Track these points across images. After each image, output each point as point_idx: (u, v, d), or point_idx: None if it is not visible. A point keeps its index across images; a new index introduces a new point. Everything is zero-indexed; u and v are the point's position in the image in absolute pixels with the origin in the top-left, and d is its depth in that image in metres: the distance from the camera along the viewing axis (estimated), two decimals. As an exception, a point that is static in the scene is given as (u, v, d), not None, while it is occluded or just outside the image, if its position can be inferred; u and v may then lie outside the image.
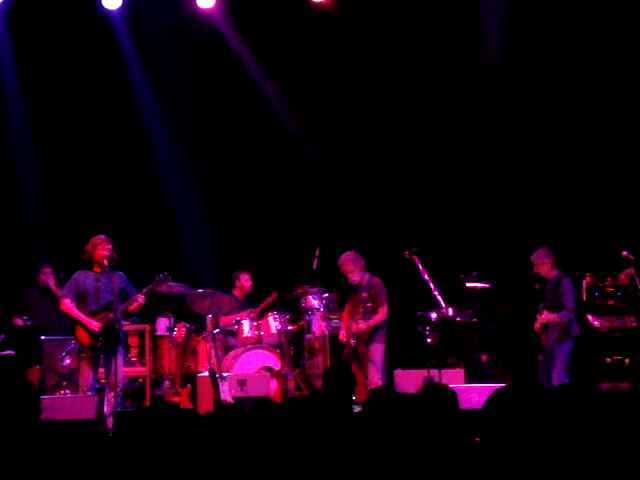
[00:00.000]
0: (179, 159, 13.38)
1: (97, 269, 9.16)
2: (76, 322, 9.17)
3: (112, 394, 8.90)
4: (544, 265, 9.72)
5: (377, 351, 9.67)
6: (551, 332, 9.56)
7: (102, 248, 9.10)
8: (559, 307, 9.51)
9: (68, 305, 9.16)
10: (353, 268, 9.72)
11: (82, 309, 9.12)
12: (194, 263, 12.73)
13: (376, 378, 9.51)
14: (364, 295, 9.69)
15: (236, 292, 11.52)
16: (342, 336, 9.86)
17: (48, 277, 11.31)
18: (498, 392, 3.39)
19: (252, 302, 11.61)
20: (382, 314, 9.67)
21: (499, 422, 3.22)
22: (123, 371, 9.35)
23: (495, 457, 3.15)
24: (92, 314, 9.07)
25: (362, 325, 9.59)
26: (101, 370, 9.21)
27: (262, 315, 11.11)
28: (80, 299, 9.16)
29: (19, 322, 11.32)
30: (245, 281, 11.59)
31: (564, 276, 9.68)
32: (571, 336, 9.53)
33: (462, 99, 12.62)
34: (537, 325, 9.70)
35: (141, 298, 9.18)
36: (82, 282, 9.15)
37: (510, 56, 12.46)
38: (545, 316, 9.56)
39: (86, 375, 9.06)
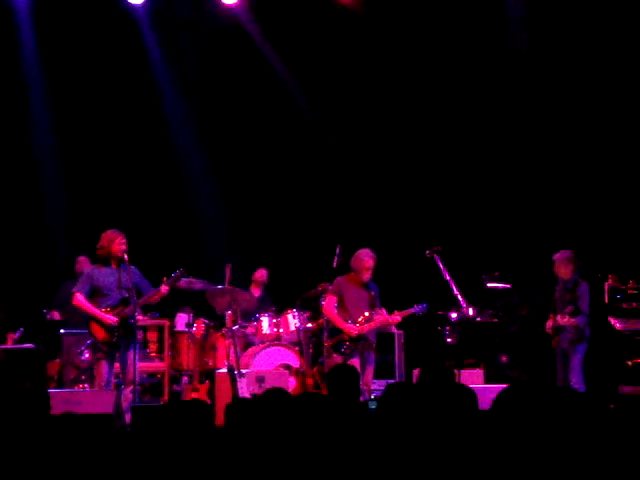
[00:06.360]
0: (199, 154, 13.41)
1: (113, 264, 9.08)
2: (90, 317, 9.04)
3: (129, 389, 8.86)
4: (566, 268, 9.72)
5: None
6: (565, 334, 9.58)
7: (119, 243, 9.00)
8: (575, 310, 9.54)
9: (81, 300, 9.00)
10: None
11: (97, 304, 9.01)
12: (213, 260, 12.72)
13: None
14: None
15: (253, 289, 11.63)
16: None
17: (83, 266, 11.41)
18: (503, 392, 3.36)
19: (270, 298, 11.66)
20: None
21: (504, 422, 3.19)
22: (138, 366, 9.28)
23: (503, 456, 3.12)
24: (108, 309, 9.03)
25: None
26: (117, 365, 9.17)
27: None
28: (95, 294, 9.05)
29: (56, 316, 11.42)
30: (259, 275, 11.81)
31: (582, 280, 9.69)
32: (586, 338, 9.57)
33: (487, 96, 12.56)
34: (549, 325, 9.71)
35: (164, 289, 9.09)
36: (96, 277, 9.05)
37: (534, 50, 12.36)
38: (566, 320, 9.55)
39: (102, 370, 8.96)
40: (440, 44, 12.58)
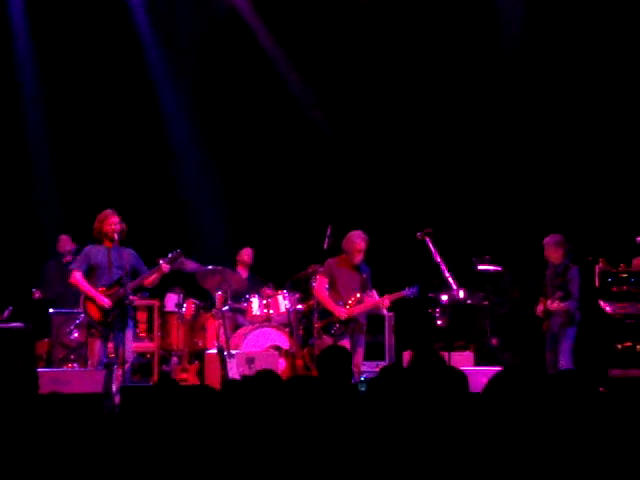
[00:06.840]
0: (191, 136, 13.35)
1: (107, 244, 9.06)
2: (86, 296, 9.05)
3: (121, 371, 8.84)
4: (556, 252, 9.72)
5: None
6: (555, 317, 9.61)
7: (108, 222, 9.00)
8: (565, 294, 9.55)
9: (79, 278, 9.01)
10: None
11: (93, 283, 9.00)
12: (204, 241, 12.70)
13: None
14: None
15: (240, 269, 11.60)
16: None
17: (65, 244, 11.40)
18: (498, 375, 3.35)
19: (257, 279, 11.63)
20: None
21: (499, 405, 3.17)
22: (133, 347, 9.28)
23: (496, 439, 3.11)
24: (104, 288, 9.00)
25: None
26: (110, 345, 9.15)
27: None
28: (91, 273, 9.05)
29: (38, 295, 11.40)
30: (246, 255, 11.72)
31: (573, 264, 9.69)
32: (576, 322, 9.60)
33: (477, 81, 12.54)
34: (540, 309, 9.72)
35: (165, 267, 9.07)
36: (94, 256, 9.06)
37: (526, 39, 12.36)
38: (556, 305, 9.58)
39: (96, 350, 8.95)
40: (436, 35, 12.58)
